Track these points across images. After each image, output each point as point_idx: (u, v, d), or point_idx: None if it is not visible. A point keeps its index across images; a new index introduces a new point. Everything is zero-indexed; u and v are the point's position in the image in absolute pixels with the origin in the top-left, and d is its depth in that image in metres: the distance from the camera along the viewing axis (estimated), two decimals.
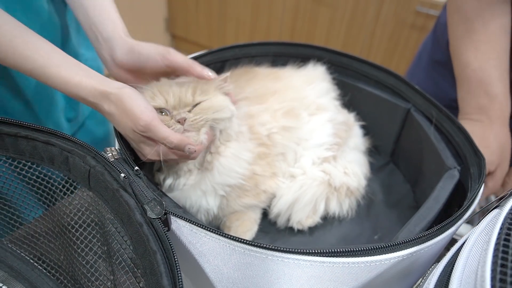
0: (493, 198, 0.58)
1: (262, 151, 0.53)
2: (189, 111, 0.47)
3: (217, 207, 0.52)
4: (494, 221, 0.31)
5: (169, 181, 0.51)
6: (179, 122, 0.46)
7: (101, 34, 0.50)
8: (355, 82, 0.70)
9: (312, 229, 0.57)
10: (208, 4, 2.24)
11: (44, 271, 0.44)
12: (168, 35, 2.55)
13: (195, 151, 0.45)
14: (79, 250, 0.42)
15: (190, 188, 0.50)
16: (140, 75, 0.51)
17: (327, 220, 0.59)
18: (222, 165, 0.50)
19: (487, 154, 0.54)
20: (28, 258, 0.45)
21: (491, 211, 0.37)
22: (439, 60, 0.79)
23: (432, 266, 0.37)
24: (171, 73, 0.51)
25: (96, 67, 0.56)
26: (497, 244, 0.27)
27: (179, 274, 0.32)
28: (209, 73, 0.49)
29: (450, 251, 0.35)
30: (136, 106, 0.42)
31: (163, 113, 0.47)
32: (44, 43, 0.44)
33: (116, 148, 0.44)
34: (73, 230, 0.43)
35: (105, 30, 0.50)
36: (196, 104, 0.48)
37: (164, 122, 0.45)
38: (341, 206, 0.58)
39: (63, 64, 0.43)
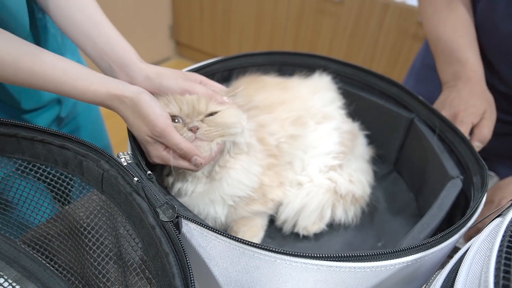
0: (479, 145, 0.61)
1: (271, 162, 0.55)
2: (202, 120, 0.48)
3: (225, 216, 0.53)
4: (497, 229, 0.32)
5: (178, 185, 0.52)
6: (191, 130, 0.47)
7: (114, 62, 0.51)
8: (359, 91, 0.72)
9: (317, 236, 0.58)
10: (213, 12, 2.27)
11: (56, 271, 0.45)
12: (172, 42, 2.58)
13: (201, 163, 0.46)
14: (91, 252, 0.43)
15: (198, 195, 0.51)
16: None
17: (331, 227, 0.60)
18: (231, 178, 0.51)
19: (464, 110, 0.60)
20: (40, 259, 0.46)
21: (493, 220, 0.38)
22: (429, 64, 0.83)
23: (436, 273, 0.38)
24: None
25: None
26: (500, 250, 0.28)
27: (191, 276, 0.33)
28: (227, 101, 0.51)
29: (453, 258, 0.36)
30: (152, 112, 0.44)
31: (176, 120, 0.48)
32: (57, 60, 0.46)
33: (129, 152, 0.46)
34: (85, 232, 0.44)
35: (117, 57, 0.51)
36: (210, 114, 0.49)
37: (176, 129, 0.47)
38: (347, 213, 0.59)
39: (79, 77, 0.45)
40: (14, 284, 0.43)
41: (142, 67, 0.51)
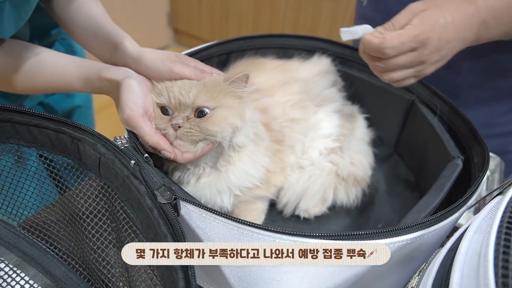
0: None
1: (276, 148, 0.54)
2: (188, 116, 0.45)
3: (232, 205, 0.53)
4: (497, 206, 0.32)
5: (177, 174, 0.51)
6: (173, 126, 0.44)
7: (110, 51, 0.51)
8: (359, 74, 0.70)
9: (318, 218, 0.58)
10: None
11: (56, 256, 0.45)
12: (170, 30, 2.55)
13: (171, 158, 0.44)
14: (90, 236, 0.43)
15: (204, 185, 0.50)
16: None
17: (332, 209, 0.60)
18: (238, 170, 0.50)
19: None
20: (40, 244, 0.46)
21: (494, 198, 0.37)
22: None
23: (436, 251, 0.38)
24: None
25: None
26: (500, 226, 0.28)
27: None
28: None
29: (453, 235, 0.36)
30: (127, 98, 0.43)
31: (167, 112, 0.46)
32: (65, 63, 0.47)
33: (125, 136, 0.45)
34: (84, 217, 0.44)
35: (112, 44, 0.51)
36: (198, 109, 0.45)
37: (161, 123, 0.45)
38: (348, 195, 0.59)
39: (79, 73, 0.47)
40: (15, 268, 0.43)
41: (132, 50, 0.48)
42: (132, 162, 0.41)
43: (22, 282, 0.42)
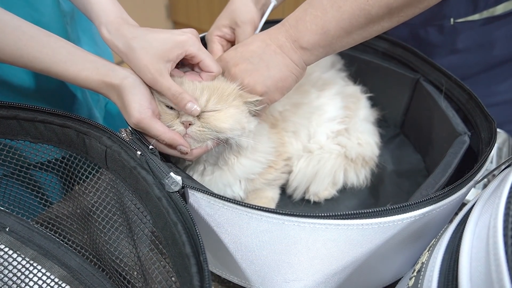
0: None
1: (271, 123, 0.54)
2: (198, 115, 0.45)
3: (244, 190, 0.53)
4: (506, 178, 0.32)
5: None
6: (183, 123, 0.44)
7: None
8: (362, 54, 0.70)
9: (327, 201, 0.58)
10: None
11: (70, 248, 0.46)
12: (170, 22, 2.54)
13: (187, 153, 0.44)
14: (101, 227, 0.44)
15: (209, 182, 0.50)
16: None
17: (341, 192, 0.60)
18: (243, 165, 0.50)
19: None
20: (54, 237, 0.47)
21: (501, 171, 0.37)
22: None
23: (445, 227, 0.38)
24: None
25: None
26: (509, 197, 0.28)
27: (201, 242, 0.33)
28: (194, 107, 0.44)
29: (462, 210, 0.36)
30: (132, 101, 0.42)
31: (171, 108, 0.45)
32: (47, 38, 0.43)
33: (129, 129, 0.45)
34: (94, 209, 0.44)
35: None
36: (208, 111, 0.45)
37: (167, 119, 0.44)
38: (358, 176, 0.59)
39: (69, 60, 0.42)
40: (31, 261, 0.44)
41: (110, 41, 0.44)
42: (138, 153, 0.41)
43: (39, 274, 0.43)
